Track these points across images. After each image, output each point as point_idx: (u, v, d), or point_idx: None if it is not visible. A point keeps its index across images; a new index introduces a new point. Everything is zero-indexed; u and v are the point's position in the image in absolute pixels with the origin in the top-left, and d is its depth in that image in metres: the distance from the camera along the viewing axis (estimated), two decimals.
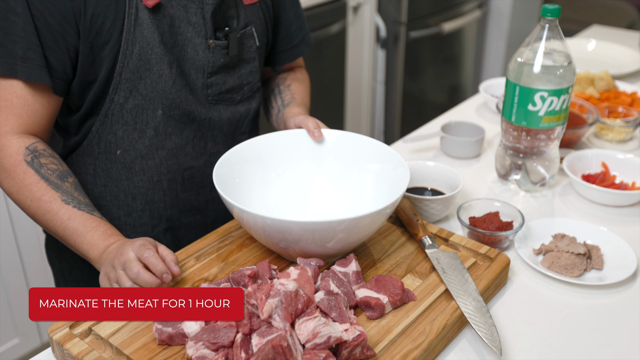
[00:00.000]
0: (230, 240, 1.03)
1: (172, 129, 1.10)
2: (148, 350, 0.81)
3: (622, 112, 1.51)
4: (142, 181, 1.12)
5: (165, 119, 1.09)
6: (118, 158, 1.10)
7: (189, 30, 1.07)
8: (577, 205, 1.22)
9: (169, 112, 1.09)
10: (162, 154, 1.11)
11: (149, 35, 1.02)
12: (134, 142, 1.09)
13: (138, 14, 1.01)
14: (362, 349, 0.77)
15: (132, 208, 1.14)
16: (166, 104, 1.08)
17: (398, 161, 1.03)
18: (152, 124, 1.08)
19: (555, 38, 1.14)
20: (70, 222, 0.95)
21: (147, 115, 1.07)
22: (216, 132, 1.16)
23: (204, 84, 1.11)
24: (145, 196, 1.14)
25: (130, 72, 1.02)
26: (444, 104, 3.26)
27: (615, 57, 2.00)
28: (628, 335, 0.90)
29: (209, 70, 1.11)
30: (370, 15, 2.77)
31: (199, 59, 1.09)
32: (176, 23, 1.05)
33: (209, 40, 1.09)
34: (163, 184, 1.14)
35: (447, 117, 1.60)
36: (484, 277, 0.94)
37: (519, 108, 1.17)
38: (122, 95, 1.04)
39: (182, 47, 1.07)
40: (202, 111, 1.12)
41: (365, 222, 0.89)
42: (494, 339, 0.83)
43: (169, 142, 1.11)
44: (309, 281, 0.83)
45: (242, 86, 1.17)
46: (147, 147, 1.10)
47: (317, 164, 1.12)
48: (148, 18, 1.01)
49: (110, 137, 1.08)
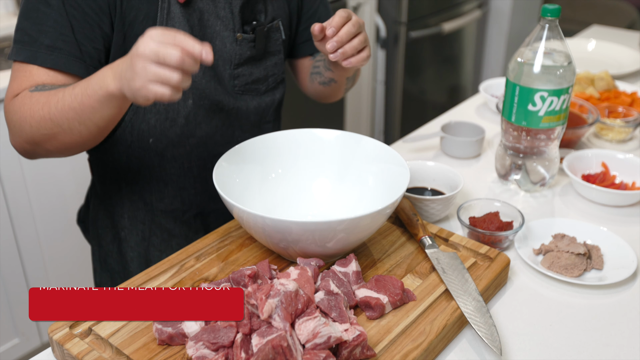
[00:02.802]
0: (230, 240, 1.03)
1: (202, 117, 1.14)
2: (148, 350, 0.81)
3: (622, 112, 1.51)
4: (173, 168, 1.16)
5: (195, 108, 1.12)
6: (150, 146, 1.13)
7: (217, 23, 1.10)
8: (577, 205, 1.22)
9: (199, 102, 1.12)
10: (193, 141, 1.14)
11: (180, 28, 1.04)
12: (165, 130, 1.12)
13: (170, 8, 1.04)
14: (362, 349, 0.77)
15: (164, 194, 1.18)
16: (196, 94, 1.11)
17: (398, 161, 1.03)
18: (183, 113, 1.11)
19: (555, 38, 1.14)
20: (75, 88, 0.92)
21: (178, 104, 1.10)
22: (243, 121, 1.19)
23: (231, 75, 1.15)
24: (177, 182, 1.17)
25: None
26: (444, 104, 3.26)
27: (615, 57, 2.00)
28: (628, 335, 0.90)
29: (236, 62, 1.14)
30: (370, 15, 2.77)
31: (227, 52, 1.12)
32: (205, 16, 1.09)
33: (237, 34, 1.12)
34: (194, 171, 1.17)
35: (447, 117, 1.60)
36: (484, 277, 0.94)
37: (519, 108, 1.17)
38: None
39: (210, 39, 1.10)
40: (229, 101, 1.16)
41: (365, 222, 0.89)
42: (494, 339, 0.83)
43: (199, 130, 1.14)
44: (309, 281, 0.83)
45: (267, 77, 1.21)
46: (179, 136, 1.13)
47: (317, 164, 1.12)
48: (179, 12, 1.05)
49: (143, 125, 1.11)
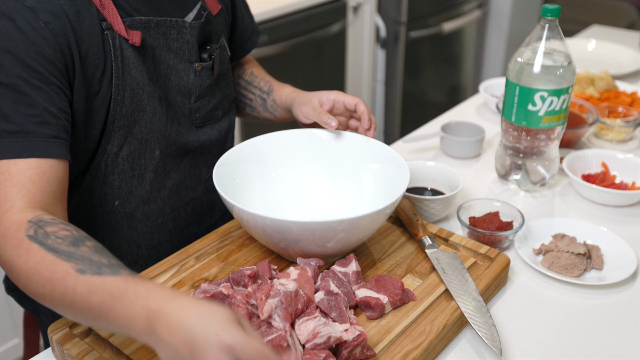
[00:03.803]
0: (230, 240, 1.03)
1: (171, 166, 1.05)
2: (148, 350, 0.81)
3: (622, 112, 1.51)
4: (146, 227, 1.05)
5: (163, 158, 1.03)
6: (117, 209, 1.01)
7: (171, 57, 1.00)
8: (577, 205, 1.22)
9: (166, 150, 1.03)
10: (164, 194, 1.05)
11: (137, 74, 0.95)
12: (132, 189, 1.01)
13: (123, 54, 0.93)
14: (362, 349, 0.77)
15: (137, 256, 1.07)
16: (162, 143, 1.01)
17: (398, 161, 1.03)
18: (150, 167, 1.02)
19: (555, 38, 1.14)
20: (92, 296, 0.68)
21: (144, 159, 1.00)
22: (207, 155, 1.11)
23: (191, 109, 1.06)
24: (151, 241, 1.07)
25: (124, 118, 0.95)
26: (444, 104, 3.26)
27: (615, 57, 2.00)
28: (628, 335, 0.90)
29: (196, 94, 1.05)
30: (370, 15, 2.77)
31: (184, 85, 1.03)
32: (157, 52, 0.98)
33: (195, 64, 1.03)
34: (168, 225, 1.08)
35: (447, 117, 1.60)
36: (484, 277, 0.94)
37: (519, 108, 1.17)
38: (115, 144, 0.96)
39: (165, 76, 1.01)
40: (193, 139, 1.07)
41: (365, 222, 0.89)
42: (494, 339, 0.83)
43: (169, 180, 1.05)
44: (309, 281, 0.83)
45: (222, 101, 1.12)
46: (148, 192, 1.03)
47: (317, 164, 1.12)
48: (133, 56, 0.94)
49: (105, 188, 0.99)
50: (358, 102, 1.08)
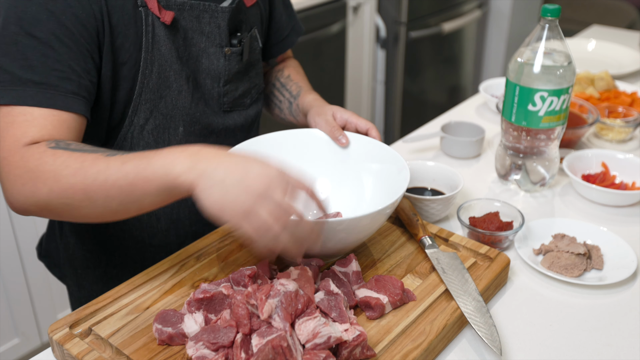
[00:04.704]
0: (230, 240, 1.03)
1: (194, 144, 1.08)
2: (148, 350, 0.81)
3: (622, 112, 1.51)
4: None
5: (186, 135, 1.07)
6: None
7: (202, 40, 1.05)
8: (577, 205, 1.22)
9: (190, 128, 1.07)
10: None
11: (166, 52, 1.00)
12: None
13: (155, 31, 0.98)
14: (362, 349, 0.77)
15: (156, 229, 1.11)
16: (187, 120, 1.06)
17: (398, 161, 1.03)
18: (174, 142, 1.06)
19: (555, 38, 1.14)
20: (126, 165, 0.78)
21: (168, 134, 1.05)
22: (231, 139, 1.15)
23: (219, 92, 1.10)
24: (170, 215, 1.11)
25: (151, 92, 1.00)
26: (444, 104, 3.26)
27: (615, 57, 2.00)
28: (628, 335, 0.90)
29: (225, 78, 1.10)
30: (370, 15, 2.77)
31: (214, 69, 1.08)
32: (189, 35, 1.03)
33: (225, 48, 1.07)
34: (188, 201, 1.09)
35: (447, 117, 1.60)
36: (484, 277, 0.94)
37: (519, 108, 1.17)
38: (142, 117, 1.01)
39: (196, 58, 1.05)
40: (219, 121, 1.11)
41: (365, 222, 0.89)
42: (494, 339, 0.83)
43: None
44: (309, 281, 0.83)
45: (251, 89, 1.17)
46: None
47: (317, 164, 1.12)
48: (164, 34, 0.99)
49: None
50: (370, 128, 1.11)
